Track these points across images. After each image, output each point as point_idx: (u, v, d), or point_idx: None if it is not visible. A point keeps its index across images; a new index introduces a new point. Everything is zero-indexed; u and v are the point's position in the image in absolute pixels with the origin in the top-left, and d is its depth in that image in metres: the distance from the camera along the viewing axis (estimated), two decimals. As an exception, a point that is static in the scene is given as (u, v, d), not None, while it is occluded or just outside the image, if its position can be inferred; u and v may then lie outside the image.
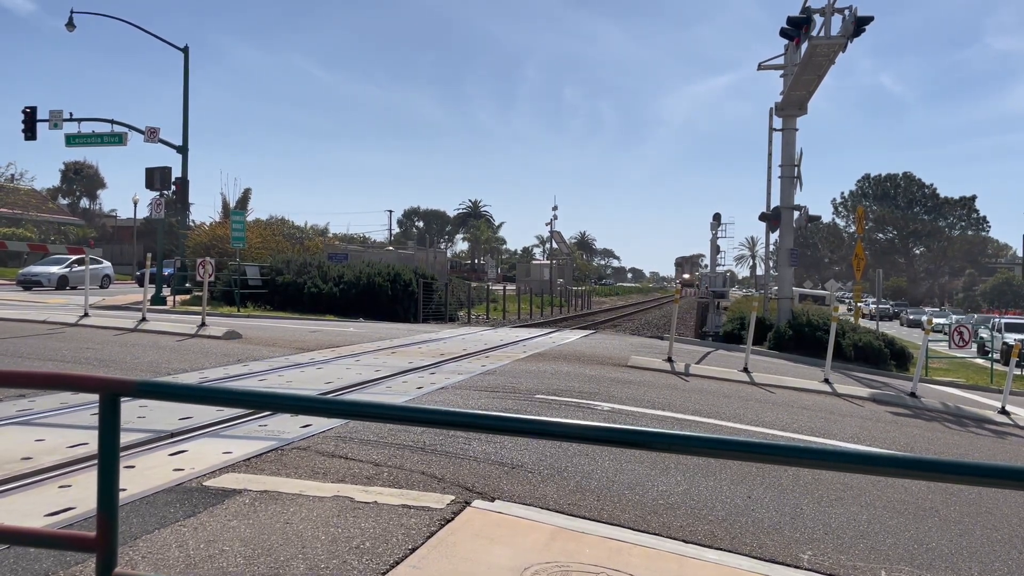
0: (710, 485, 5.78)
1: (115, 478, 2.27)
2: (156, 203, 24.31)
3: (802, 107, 19.68)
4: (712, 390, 10.96)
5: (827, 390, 12.24)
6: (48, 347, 11.31)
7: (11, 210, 53.04)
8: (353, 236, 78.31)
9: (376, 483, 5.02)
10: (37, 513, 4.15)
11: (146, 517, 4.16)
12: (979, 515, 5.96)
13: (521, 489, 5.16)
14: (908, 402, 12.06)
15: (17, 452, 5.33)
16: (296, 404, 2.73)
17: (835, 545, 4.80)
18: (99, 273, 33.29)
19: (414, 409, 2.42)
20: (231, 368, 10.11)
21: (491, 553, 3.95)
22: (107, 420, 2.24)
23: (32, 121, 26.33)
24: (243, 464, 5.31)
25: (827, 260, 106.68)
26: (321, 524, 4.17)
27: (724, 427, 8.27)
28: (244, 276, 23.94)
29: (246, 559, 3.67)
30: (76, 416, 6.58)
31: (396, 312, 24.89)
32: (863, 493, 6.06)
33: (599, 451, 6.24)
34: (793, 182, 19.74)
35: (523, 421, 2.20)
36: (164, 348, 11.93)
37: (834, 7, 16.82)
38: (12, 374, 4.17)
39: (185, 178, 26.38)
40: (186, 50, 26.78)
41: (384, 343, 14.24)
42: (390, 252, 41.47)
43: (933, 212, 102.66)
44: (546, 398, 8.71)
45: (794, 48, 19.00)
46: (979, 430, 10.50)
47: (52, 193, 68.42)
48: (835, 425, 9.26)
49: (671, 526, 4.79)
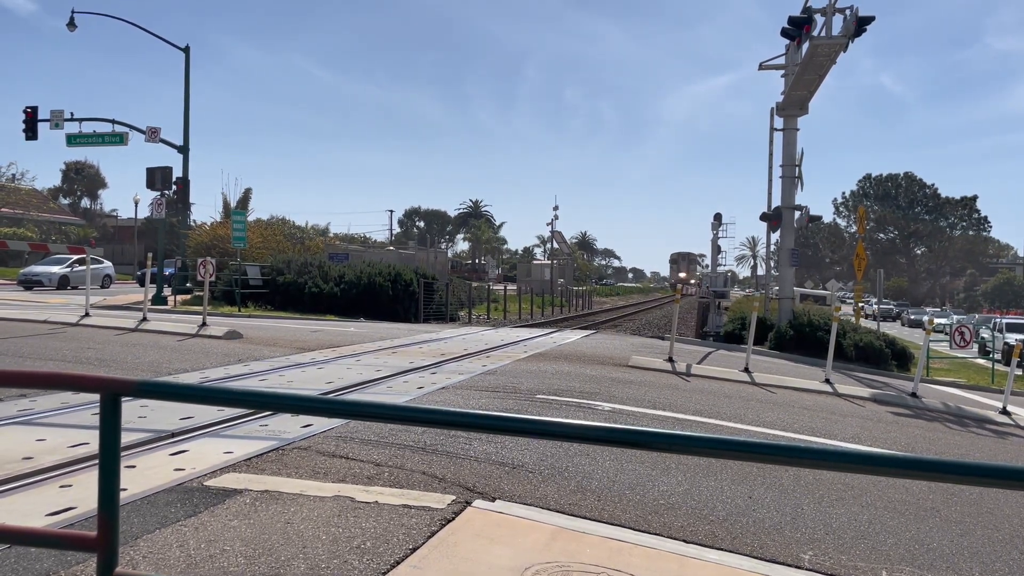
0: (711, 485, 5.78)
1: (116, 478, 2.27)
2: (157, 203, 24.32)
3: (803, 107, 19.68)
4: (713, 390, 10.96)
5: (828, 390, 12.24)
6: (49, 347, 11.32)
7: (12, 210, 53.06)
8: (354, 236, 78.33)
9: (377, 483, 5.02)
10: (38, 513, 4.15)
11: (147, 517, 4.16)
12: (980, 515, 5.96)
13: (522, 489, 5.16)
14: (909, 402, 12.06)
15: (18, 452, 5.33)
16: (297, 404, 2.72)
17: (836, 545, 4.80)
18: (100, 273, 33.31)
19: (415, 409, 2.42)
20: (232, 368, 10.12)
21: (492, 553, 3.94)
22: (108, 420, 2.24)
23: (33, 121, 26.33)
24: (244, 464, 5.31)
25: (828, 260, 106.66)
26: (322, 524, 4.17)
27: (725, 427, 8.27)
28: (245, 276, 23.95)
29: (247, 559, 3.67)
30: (77, 416, 6.58)
31: (397, 312, 24.89)
32: (864, 493, 6.06)
33: (600, 451, 6.24)
34: (794, 182, 19.73)
35: (524, 421, 2.20)
36: (165, 348, 11.93)
37: (835, 7, 16.82)
38: (13, 374, 4.17)
39: (186, 178, 26.38)
40: (187, 50, 26.78)
41: (385, 343, 14.24)
42: (391, 252, 41.50)
43: (934, 212, 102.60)
44: (547, 398, 8.71)
45: (795, 48, 18.99)
46: (980, 430, 10.49)
47: (53, 193, 68.49)
48: (836, 425, 9.25)
49: (672, 526, 4.79)
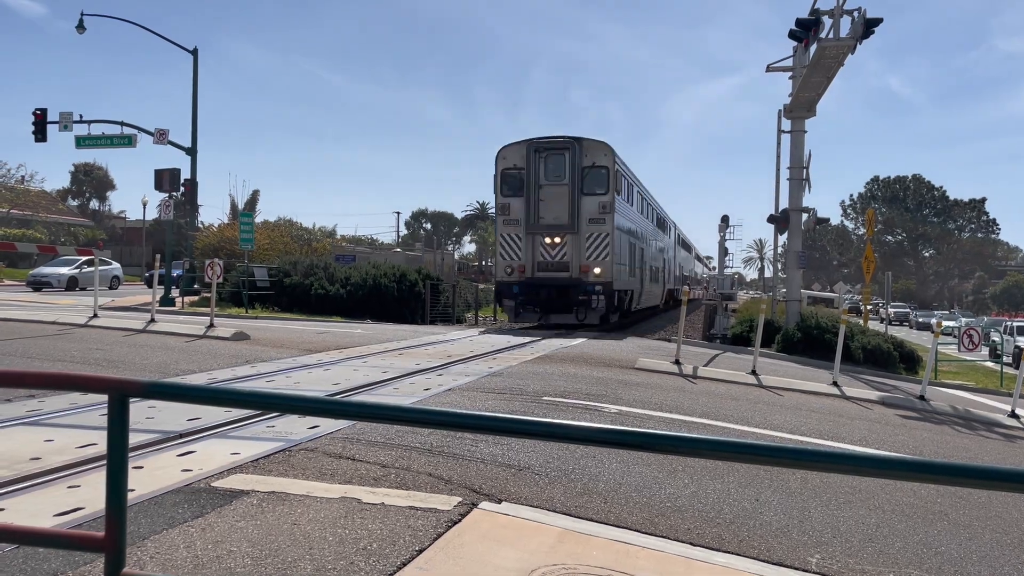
0: (718, 488, 5.76)
1: (124, 478, 2.28)
2: (165, 204, 24.41)
3: (811, 109, 19.63)
4: (720, 392, 10.93)
5: (836, 393, 12.19)
6: (58, 348, 11.37)
7: (22, 211, 53.37)
8: (361, 238, 78.47)
9: (383, 484, 5.03)
10: (46, 513, 4.16)
11: (154, 517, 4.17)
12: (989, 519, 5.93)
13: (528, 491, 5.16)
14: (917, 405, 12.00)
15: (26, 452, 5.36)
16: (304, 405, 2.73)
17: (844, 548, 4.78)
18: (108, 274, 33.46)
19: (421, 411, 2.42)
20: (239, 369, 10.14)
21: (498, 555, 3.94)
22: (116, 421, 2.24)
23: (42, 123, 26.48)
24: (251, 465, 5.32)
25: (836, 263, 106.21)
26: (328, 525, 4.17)
27: (732, 430, 8.24)
28: (252, 277, 24.01)
29: (254, 560, 3.68)
30: (85, 417, 6.61)
31: (403, 314, 24.91)
32: (872, 496, 6.03)
33: (606, 454, 6.23)
34: (801, 184, 19.68)
35: (530, 423, 2.20)
36: (173, 349, 11.97)
37: (843, 9, 16.78)
38: (22, 375, 4.19)
39: (194, 180, 26.49)
40: (195, 52, 26.90)
41: (391, 345, 14.26)
42: (397, 254, 41.55)
43: (943, 214, 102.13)
44: (553, 400, 8.70)
45: (803, 50, 18.95)
46: (989, 434, 10.44)
47: (62, 194, 68.85)
48: (844, 428, 9.22)
49: (678, 529, 4.77)
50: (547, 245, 21.49)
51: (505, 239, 21.93)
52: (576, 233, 21.32)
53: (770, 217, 20.69)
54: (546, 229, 21.50)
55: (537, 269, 21.55)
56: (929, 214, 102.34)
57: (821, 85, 18.51)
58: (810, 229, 21.79)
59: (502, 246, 21.93)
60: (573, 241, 21.41)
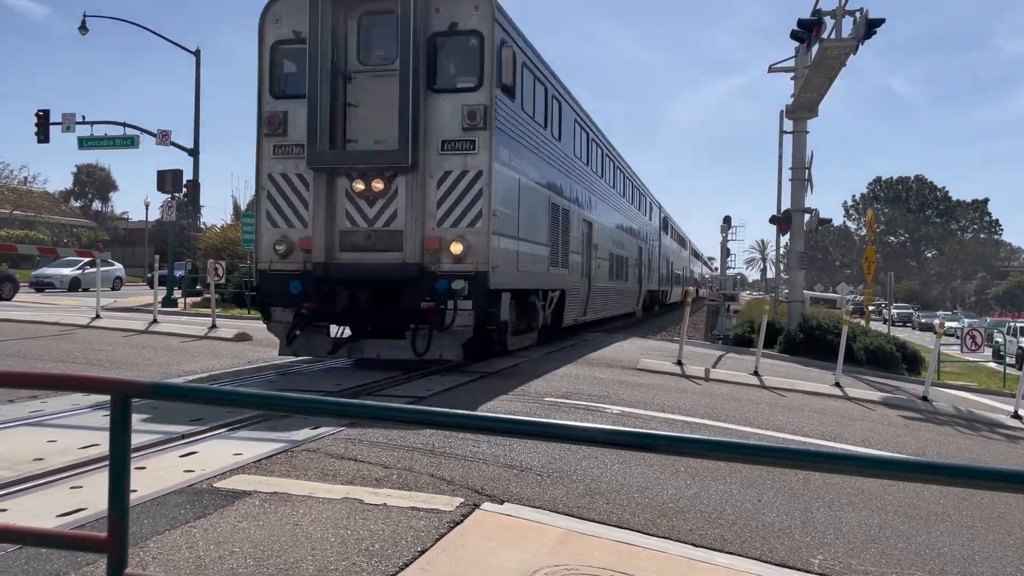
0: (720, 489, 5.76)
1: (126, 479, 2.29)
2: (167, 205, 24.44)
3: (812, 109, 19.60)
4: (722, 393, 10.93)
5: (838, 393, 12.17)
6: (60, 348, 11.39)
7: (24, 212, 53.45)
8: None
9: (385, 485, 5.03)
10: (49, 514, 4.17)
11: (157, 518, 4.18)
12: (991, 520, 5.92)
13: (530, 492, 5.16)
14: (920, 406, 11.98)
15: (29, 453, 5.37)
16: (306, 406, 2.74)
17: (846, 550, 4.77)
18: (110, 275, 33.51)
19: (424, 411, 2.42)
20: (241, 370, 10.15)
21: (500, 556, 3.94)
22: (118, 421, 2.25)
23: (45, 124, 26.51)
24: (253, 465, 5.33)
25: (838, 263, 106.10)
26: (331, 526, 4.17)
27: (735, 430, 8.24)
28: (254, 278, 24.01)
29: (256, 560, 3.68)
30: (87, 417, 6.62)
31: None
32: (874, 497, 6.02)
33: (608, 454, 6.23)
34: (803, 185, 19.65)
35: (532, 424, 2.20)
36: (175, 350, 11.99)
37: (845, 9, 16.74)
38: (25, 375, 4.20)
39: (196, 180, 26.50)
40: (198, 53, 26.91)
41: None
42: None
43: (945, 215, 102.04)
44: (556, 401, 8.70)
45: (804, 50, 18.92)
46: (991, 434, 10.42)
47: (64, 195, 69.03)
48: (846, 429, 9.21)
49: (681, 530, 4.77)
50: (358, 196, 10.38)
51: (275, 185, 10.72)
52: (415, 171, 10.14)
53: (772, 218, 20.67)
54: (357, 163, 10.39)
55: (340, 247, 10.45)
56: (932, 215, 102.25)
57: (823, 86, 18.48)
58: (812, 230, 21.78)
59: (269, 200, 10.72)
60: (410, 187, 10.20)
